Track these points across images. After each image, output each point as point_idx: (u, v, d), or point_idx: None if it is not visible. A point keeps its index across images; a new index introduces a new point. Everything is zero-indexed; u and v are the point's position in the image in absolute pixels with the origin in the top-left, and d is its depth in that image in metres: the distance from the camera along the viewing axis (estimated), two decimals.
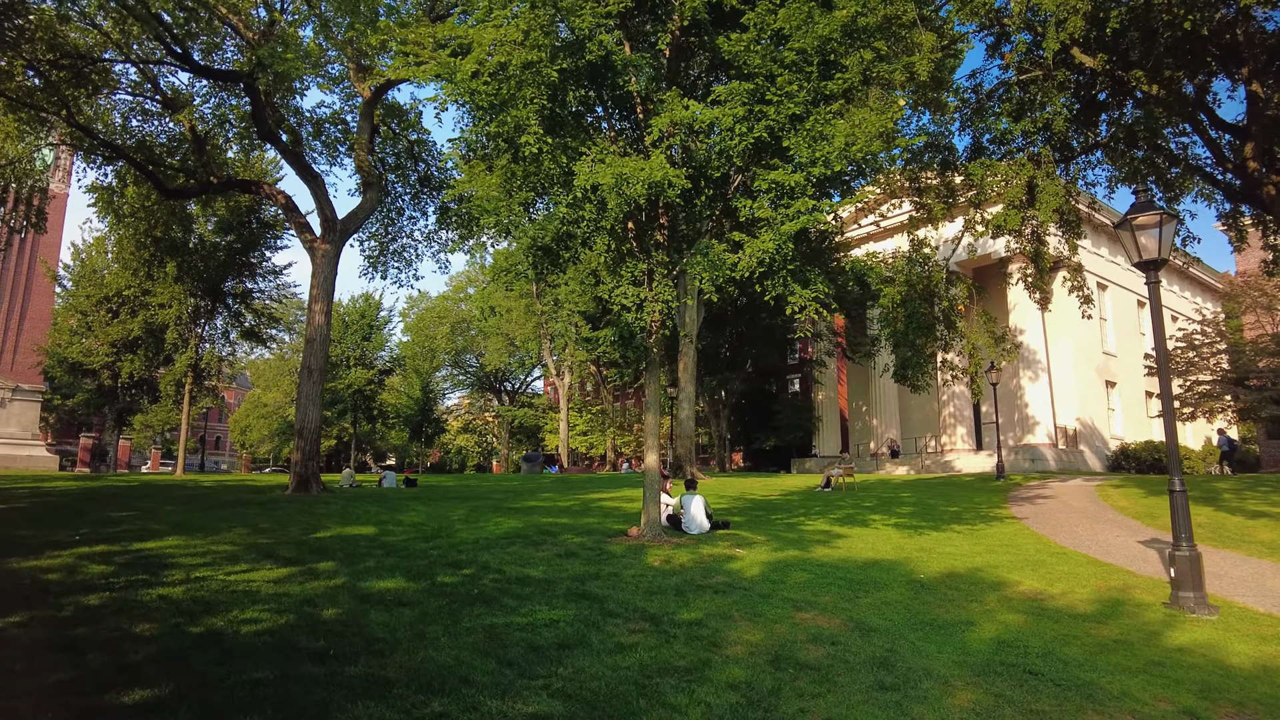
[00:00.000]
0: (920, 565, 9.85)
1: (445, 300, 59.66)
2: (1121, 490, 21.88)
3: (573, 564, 8.99)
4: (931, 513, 17.45)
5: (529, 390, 71.33)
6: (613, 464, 57.62)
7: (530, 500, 18.51)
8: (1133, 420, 43.50)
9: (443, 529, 12.15)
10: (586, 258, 11.68)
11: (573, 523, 13.23)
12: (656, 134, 10.26)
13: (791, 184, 9.66)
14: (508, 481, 28.19)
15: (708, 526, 11.89)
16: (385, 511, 14.74)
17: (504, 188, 10.99)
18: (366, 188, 20.98)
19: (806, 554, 10.27)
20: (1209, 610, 7.62)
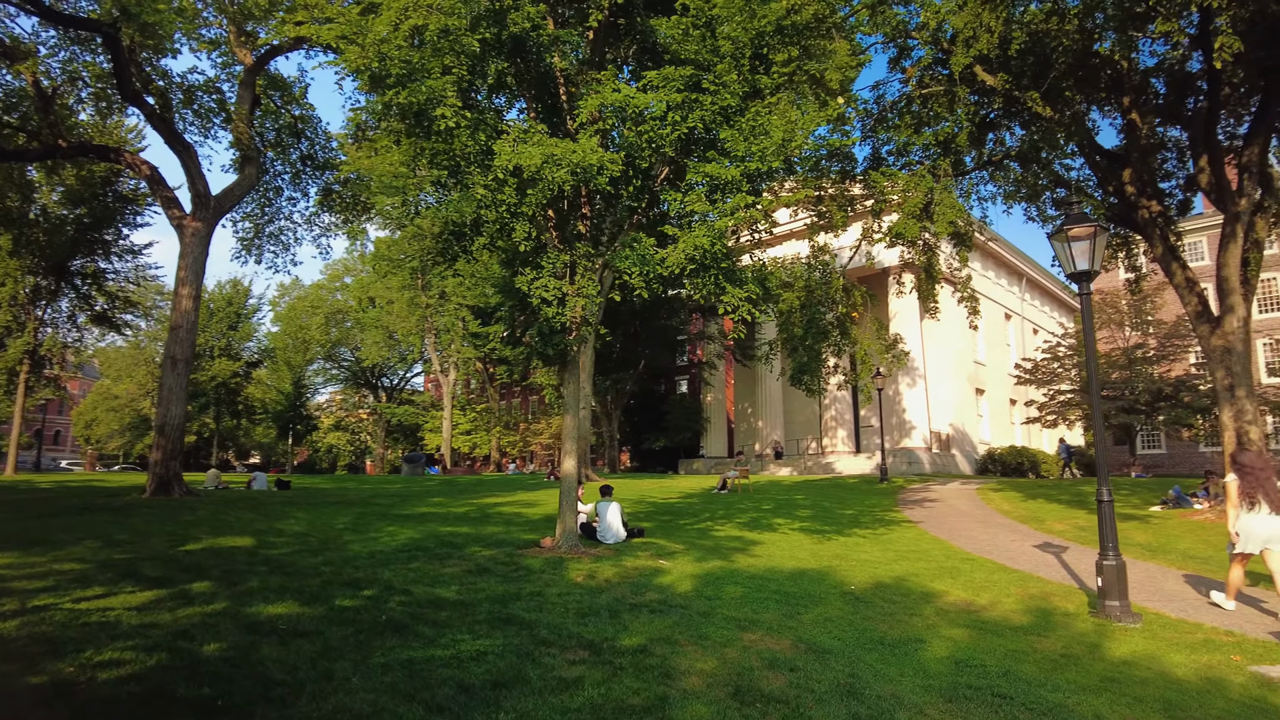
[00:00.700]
0: (845, 574, 9.63)
1: (320, 289, 56.21)
2: (1001, 494, 22.93)
3: (488, 582, 8.17)
4: (830, 516, 17.57)
5: (409, 387, 68.49)
6: (497, 465, 56.15)
7: (420, 506, 17.35)
8: (999, 426, 46.31)
9: (331, 540, 10.99)
10: (503, 245, 10.75)
11: (475, 532, 12.33)
12: (585, 116, 9.57)
13: (728, 178, 9.22)
14: (389, 484, 26.61)
15: (624, 535, 11.30)
16: (261, 519, 13.31)
17: (412, 165, 9.97)
18: (245, 163, 19.12)
19: (731, 564, 9.85)
20: (1134, 619, 7.70)
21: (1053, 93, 17.96)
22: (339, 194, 25.98)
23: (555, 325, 10.04)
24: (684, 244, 9.23)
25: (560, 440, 27.46)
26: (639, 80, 10.17)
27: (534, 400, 63.94)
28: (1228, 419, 16.72)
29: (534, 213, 9.78)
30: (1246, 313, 17.07)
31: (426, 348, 52.10)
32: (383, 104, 10.69)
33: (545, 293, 9.84)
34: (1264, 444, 16.89)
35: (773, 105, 9.79)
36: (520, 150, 9.17)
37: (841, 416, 41.82)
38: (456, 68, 9.32)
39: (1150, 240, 18.05)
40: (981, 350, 45.25)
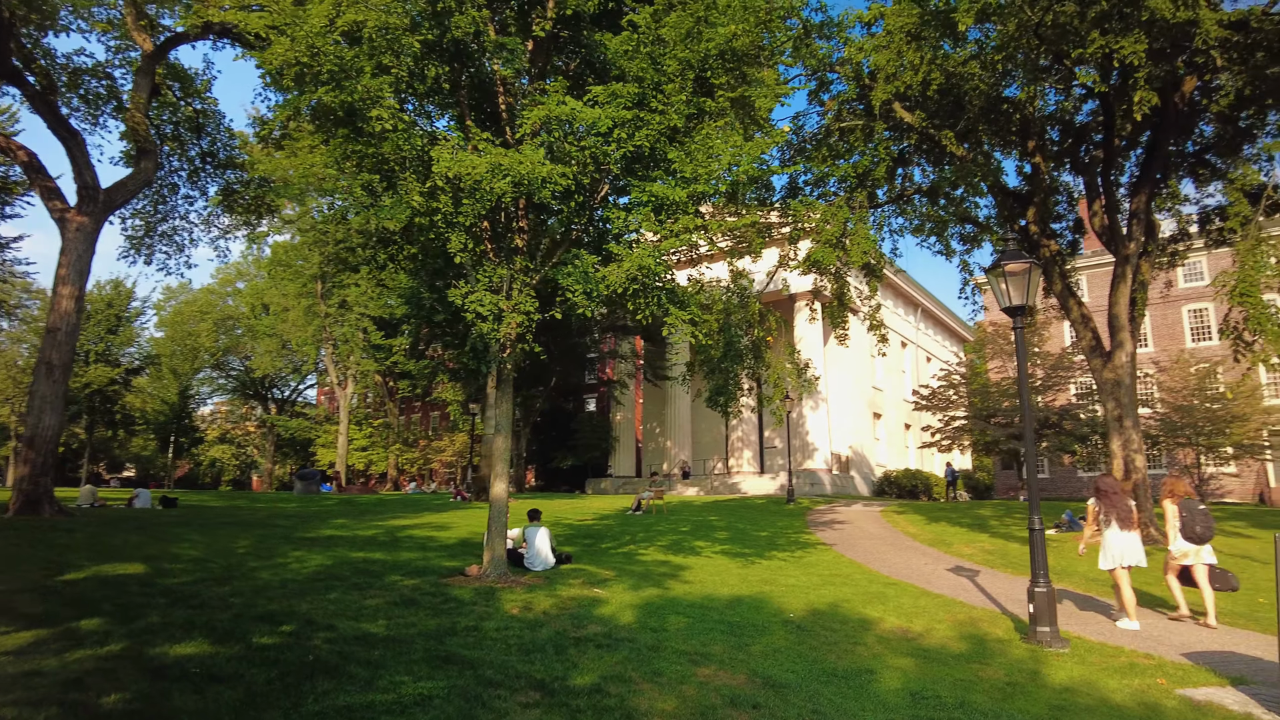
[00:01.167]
0: (779, 601, 9.57)
1: (210, 294, 52.86)
2: (904, 516, 23.63)
3: (418, 615, 7.65)
4: (747, 539, 17.62)
5: (301, 399, 65.34)
6: (394, 483, 54.16)
7: (323, 528, 16.36)
8: (894, 449, 48.11)
9: (235, 567, 10.13)
10: (434, 256, 10.25)
11: (390, 559, 11.65)
12: (529, 128, 9.26)
13: (676, 199, 9.08)
14: (284, 503, 25.11)
15: (553, 562, 10.89)
16: (151, 542, 12.18)
17: (340, 167, 9.39)
18: (142, 156, 17.71)
19: (667, 592, 9.63)
20: (1063, 644, 7.93)
21: (965, 133, 18.85)
22: (241, 194, 24.52)
23: (490, 342, 9.63)
24: (628, 263, 9.03)
25: (489, 461, 26.72)
26: (583, 95, 9.94)
27: (435, 416, 62.19)
28: (1116, 447, 17.79)
29: (471, 223, 9.36)
30: (1133, 348, 18.27)
31: (323, 358, 49.83)
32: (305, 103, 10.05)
33: (481, 307, 9.41)
34: (1146, 471, 18.04)
35: (720, 129, 9.76)
36: (461, 158, 8.77)
37: (748, 438, 42.45)
38: (395, 68, 8.85)
39: (1050, 278, 19.08)
40: (880, 376, 46.97)
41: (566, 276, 9.21)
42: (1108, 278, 20.75)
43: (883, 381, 47.34)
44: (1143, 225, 17.82)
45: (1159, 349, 38.76)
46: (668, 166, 9.63)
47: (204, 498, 26.49)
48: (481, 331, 9.54)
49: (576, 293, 9.12)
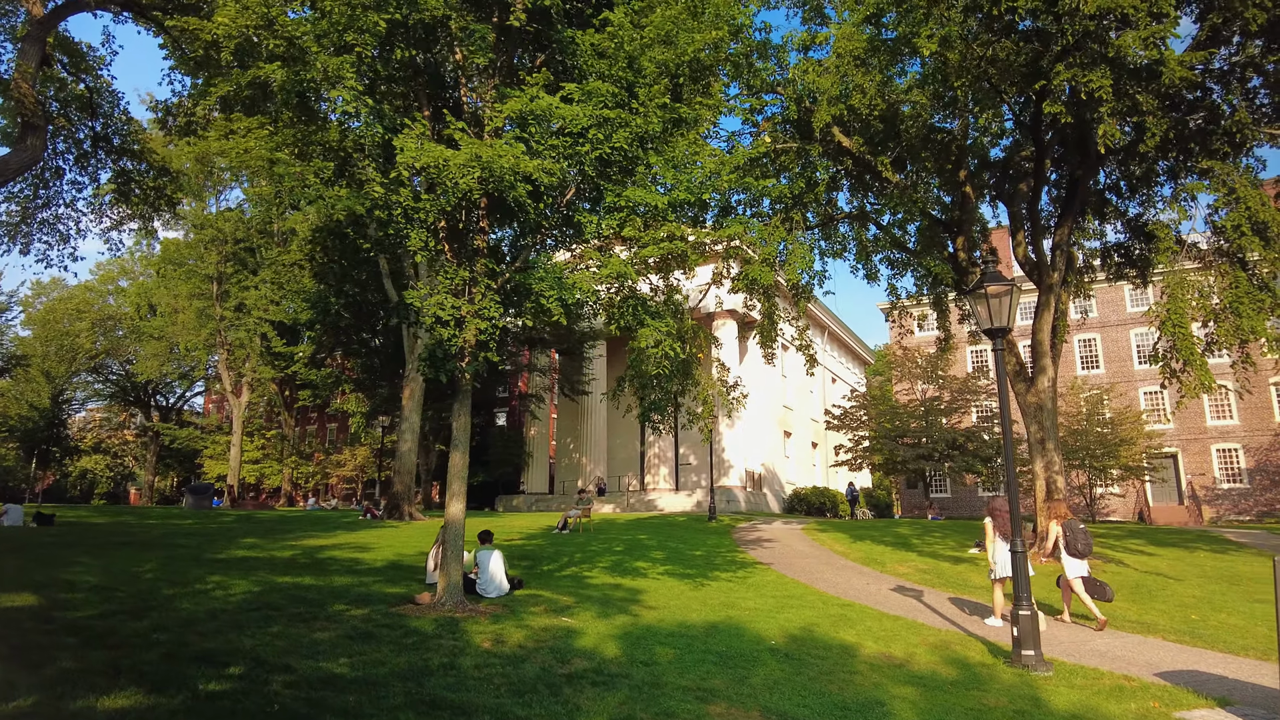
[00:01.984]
0: (752, 626, 9.20)
1: (88, 291, 48.55)
2: (827, 534, 23.80)
3: (381, 651, 6.84)
4: (685, 558, 17.24)
5: (187, 407, 60.94)
6: (289, 498, 51.16)
7: (233, 549, 14.97)
8: (802, 467, 48.98)
9: (146, 595, 8.95)
10: (387, 253, 9.43)
11: (322, 584, 10.62)
12: (501, 121, 8.64)
13: (657, 205, 8.67)
14: (177, 519, 23.04)
15: (507, 588, 10.15)
16: (36, 567, 10.71)
17: (292, 154, 8.50)
18: (28, 132, 15.89)
19: (637, 619, 9.09)
20: (1047, 667, 7.88)
21: (900, 160, 19.27)
22: (138, 183, 22.55)
23: (450, 349, 8.90)
24: (606, 269, 8.52)
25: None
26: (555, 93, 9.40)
27: (332, 428, 59.26)
28: (1039, 469, 18.42)
29: (433, 219, 8.65)
30: (1055, 374, 19.01)
31: (216, 364, 46.65)
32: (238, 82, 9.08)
33: (441, 311, 8.69)
34: (1066, 490, 18.75)
35: (700, 138, 9.42)
36: (428, 148, 8.07)
37: (664, 455, 42.30)
38: (360, 46, 8.07)
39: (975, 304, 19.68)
40: (789, 395, 47.81)
41: (539, 281, 8.62)
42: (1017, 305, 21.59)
43: (792, 400, 48.20)
44: (1064, 256, 18.63)
45: None
46: (646, 172, 9.21)
47: (81, 513, 24.01)
48: (441, 337, 8.81)
49: (550, 298, 8.54)
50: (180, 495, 59.54)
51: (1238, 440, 37.25)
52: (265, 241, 41.07)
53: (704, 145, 9.59)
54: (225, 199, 41.63)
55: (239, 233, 39.60)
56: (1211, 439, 37.74)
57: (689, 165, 8.96)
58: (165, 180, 22.74)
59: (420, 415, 26.18)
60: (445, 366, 8.96)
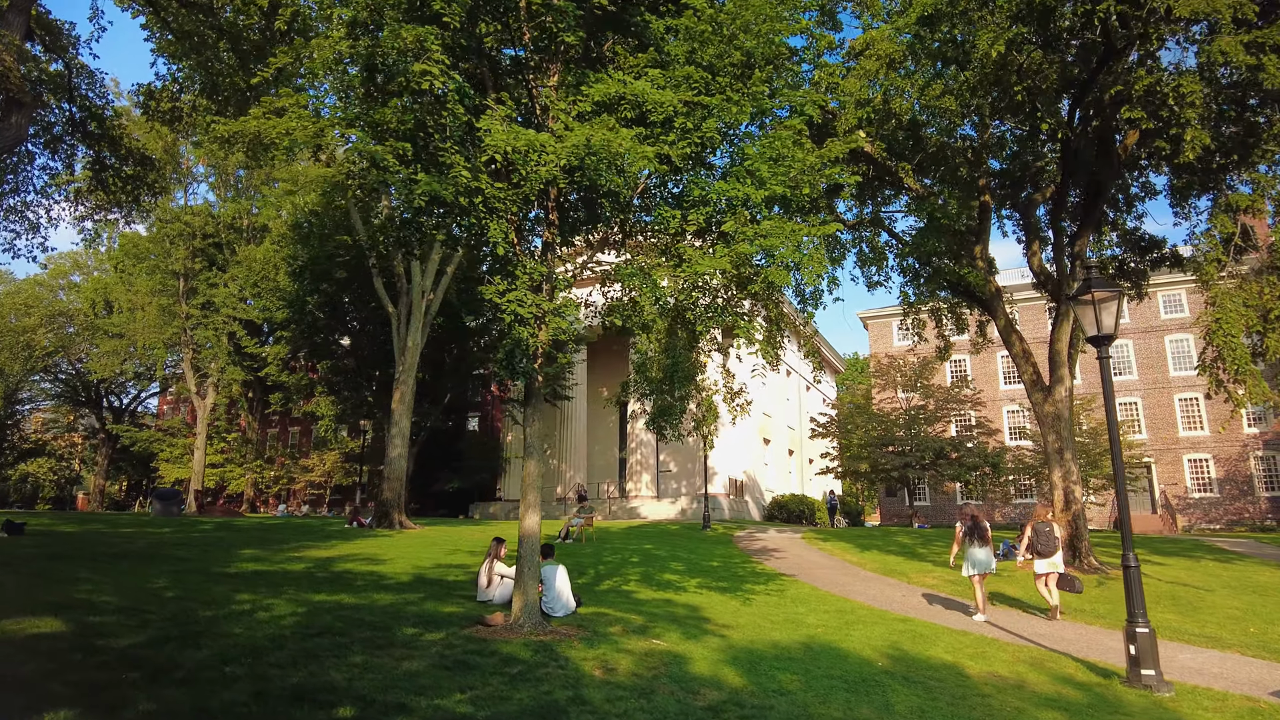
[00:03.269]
0: (843, 645, 8.72)
1: (37, 285, 46.02)
2: (830, 544, 23.50)
3: (491, 683, 6.14)
4: (705, 570, 16.74)
5: (143, 408, 58.24)
6: (251, 503, 49.22)
7: (238, 561, 13.95)
8: (780, 474, 48.83)
9: (183, 618, 8.06)
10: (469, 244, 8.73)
11: (364, 602, 9.81)
12: (588, 106, 8.00)
13: (755, 199, 8.14)
14: (150, 527, 21.65)
15: (574, 605, 9.46)
16: (38, 584, 9.68)
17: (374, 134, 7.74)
18: (12, 109, 14.66)
19: (725, 640, 8.51)
20: (1168, 687, 7.54)
21: (922, 166, 19.07)
22: (114, 170, 21.23)
23: (529, 350, 8.24)
24: (704, 264, 7.95)
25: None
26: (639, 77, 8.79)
27: (295, 432, 57.31)
28: (1057, 478, 18.31)
29: (516, 209, 7.98)
30: (1072, 383, 18.96)
31: (177, 364, 44.63)
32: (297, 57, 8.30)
33: (521, 308, 8.01)
34: (1084, 500, 18.69)
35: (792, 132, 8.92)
36: (518, 131, 7.41)
37: (646, 461, 41.72)
38: (447, 16, 7.37)
39: (994, 314, 19.57)
40: (769, 403, 47.67)
41: (631, 280, 8.01)
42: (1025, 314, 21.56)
43: (770, 408, 48.05)
44: (1084, 266, 18.59)
45: None
46: (737, 164, 8.67)
47: (45, 521, 22.43)
48: (520, 337, 8.14)
49: (644, 296, 7.95)
50: (132, 501, 56.93)
51: (1208, 451, 38.15)
52: (235, 238, 39.44)
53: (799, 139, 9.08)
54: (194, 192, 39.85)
55: (208, 227, 37.91)
56: (1183, 449, 38.59)
57: (786, 158, 8.44)
58: (145, 169, 21.45)
59: (410, 419, 25.16)
60: (523, 369, 8.28)
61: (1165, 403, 39.27)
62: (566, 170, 7.78)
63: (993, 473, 33.57)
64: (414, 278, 25.25)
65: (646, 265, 8.37)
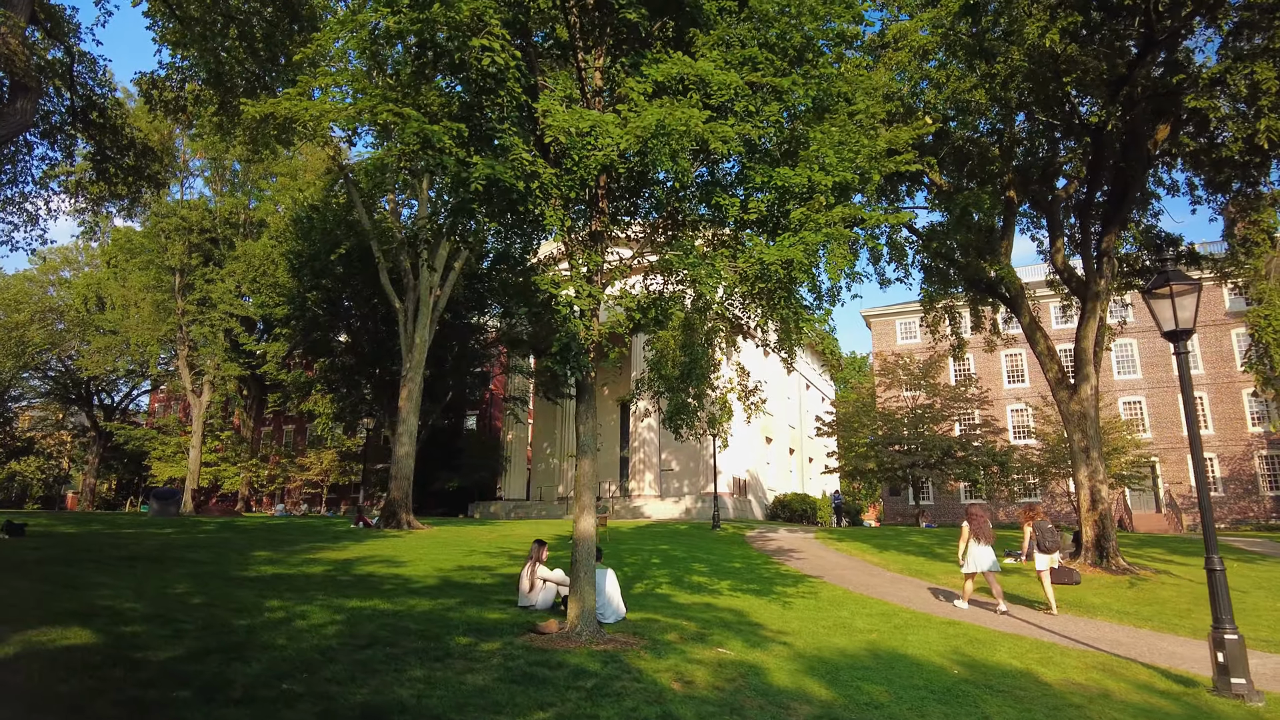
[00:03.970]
0: (909, 652, 8.36)
1: (27, 281, 45.05)
2: (845, 544, 23.18)
3: (569, 699, 5.72)
4: (730, 572, 16.37)
5: (133, 406, 57.36)
6: (246, 502, 48.51)
7: (254, 564, 13.46)
8: (782, 473, 48.55)
9: (219, 627, 7.60)
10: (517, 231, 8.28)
11: (402, 609, 9.36)
12: (650, 87, 7.58)
13: (828, 185, 7.75)
14: (155, 528, 21.07)
15: (623, 611, 9.06)
16: (55, 591, 9.18)
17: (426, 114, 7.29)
18: (17, 94, 14.10)
19: (790, 647, 8.13)
20: (1259, 696, 7.21)
21: (946, 161, 18.73)
22: (115, 161, 20.63)
23: (585, 343, 7.83)
24: (774, 253, 7.54)
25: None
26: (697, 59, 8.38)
27: (289, 430, 56.60)
28: (1083, 477, 18.03)
29: (574, 194, 7.57)
30: (1098, 381, 18.69)
31: (172, 361, 43.82)
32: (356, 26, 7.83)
33: (579, 300, 7.61)
34: (1111, 500, 18.40)
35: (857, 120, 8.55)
36: (581, 112, 7.00)
37: (648, 460, 41.28)
38: None
39: (1018, 310, 19.27)
40: (770, 402, 47.37)
41: (693, 268, 7.61)
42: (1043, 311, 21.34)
43: (772, 406, 47.75)
44: (1111, 263, 18.34)
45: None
46: (798, 150, 8.28)
47: (44, 521, 21.80)
48: (575, 329, 7.73)
49: (707, 286, 7.55)
50: (123, 500, 56.05)
51: (1213, 450, 38.09)
52: (232, 233, 38.74)
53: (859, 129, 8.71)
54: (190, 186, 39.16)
55: (205, 222, 37.19)
56: (1188, 448, 38.48)
57: (853, 143, 8.07)
58: (146, 160, 20.87)
59: (417, 417, 24.66)
60: (578, 363, 7.86)
61: (1170, 401, 39.20)
62: (624, 156, 7.38)
63: (1000, 471, 33.37)
64: (422, 273, 24.74)
65: (709, 254, 7.97)
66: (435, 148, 6.85)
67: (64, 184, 20.32)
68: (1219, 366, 38.56)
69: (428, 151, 6.90)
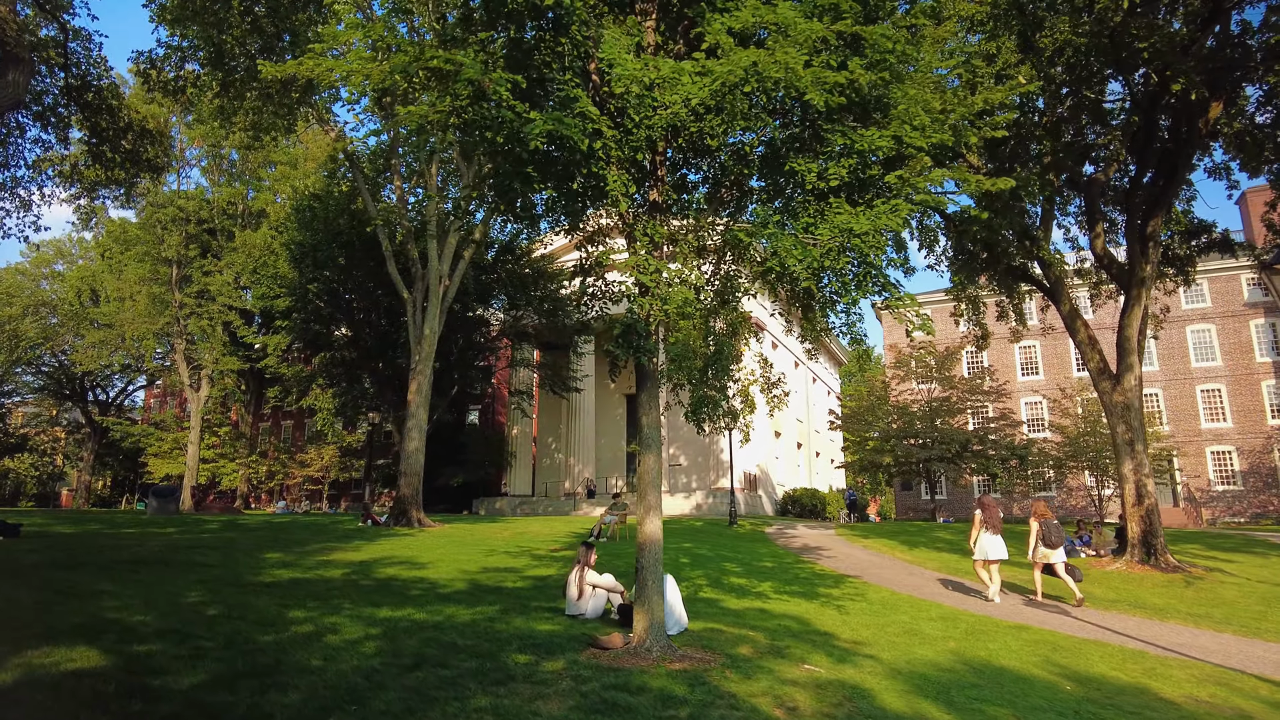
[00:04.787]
0: (1002, 662, 7.57)
1: (19, 274, 43.92)
2: (871, 540, 22.43)
3: None
4: (765, 572, 15.64)
5: (129, 402, 56.27)
6: (245, 499, 47.57)
7: (269, 567, 12.59)
8: (790, 467, 47.82)
9: (243, 644, 6.76)
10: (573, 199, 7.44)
11: (439, 619, 8.53)
12: (722, 35, 6.74)
13: (923, 145, 6.93)
14: (156, 527, 20.18)
15: (685, 621, 8.25)
16: (56, 600, 8.33)
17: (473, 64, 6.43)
18: (8, 65, 13.14)
19: (877, 661, 7.34)
20: None
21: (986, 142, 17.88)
22: (112, 143, 19.67)
23: (651, 324, 7.00)
24: (864, 220, 6.72)
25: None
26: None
27: (287, 425, 55.61)
28: (1128, 471, 17.29)
29: (639, 154, 6.73)
30: (1141, 371, 17.94)
31: (168, 355, 42.84)
32: None
33: (645, 275, 6.78)
34: (1155, 495, 17.65)
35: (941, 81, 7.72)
36: (652, 61, 6.17)
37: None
38: None
39: (1057, 299, 18.50)
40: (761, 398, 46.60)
41: (776, 239, 6.78)
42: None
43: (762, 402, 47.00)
44: (1157, 247, 17.58)
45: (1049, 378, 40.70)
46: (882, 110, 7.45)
47: (38, 520, 20.89)
48: (642, 307, 6.91)
49: (792, 260, 6.72)
50: (118, 497, 55.04)
51: (1231, 443, 37.49)
52: (230, 224, 37.72)
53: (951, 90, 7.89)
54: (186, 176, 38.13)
55: (203, 212, 36.17)
56: (1206, 441, 37.91)
57: (947, 100, 7.26)
58: (144, 142, 19.91)
59: (427, 411, 23.80)
60: (642, 344, 7.03)
61: (1187, 394, 38.58)
62: (695, 113, 6.56)
63: (1020, 465, 32.68)
64: (431, 262, 23.85)
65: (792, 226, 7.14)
66: (490, 99, 6.01)
67: (58, 169, 19.36)
68: (1237, 358, 37.93)
69: (481, 104, 6.05)
